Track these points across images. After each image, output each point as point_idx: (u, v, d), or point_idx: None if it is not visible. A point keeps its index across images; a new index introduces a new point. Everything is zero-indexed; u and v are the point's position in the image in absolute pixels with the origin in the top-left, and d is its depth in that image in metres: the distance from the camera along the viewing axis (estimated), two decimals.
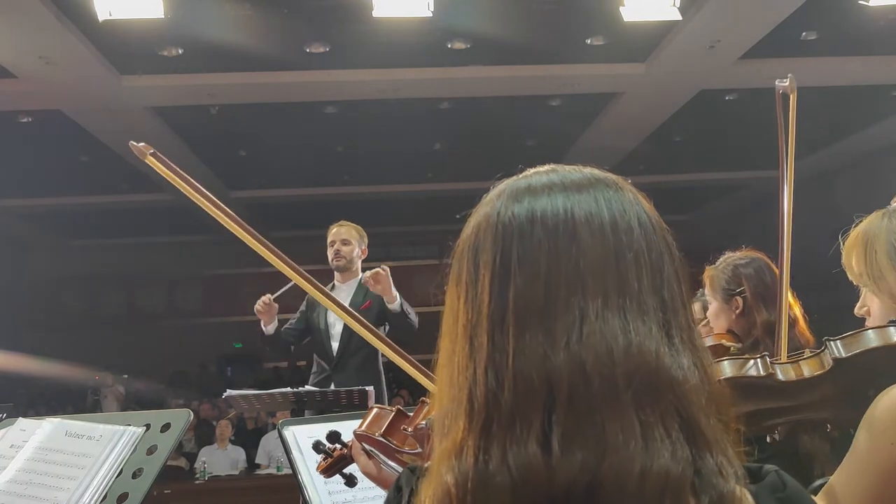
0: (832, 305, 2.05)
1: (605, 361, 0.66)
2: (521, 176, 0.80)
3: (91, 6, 5.49)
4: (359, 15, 6.11)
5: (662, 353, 0.68)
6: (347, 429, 1.45)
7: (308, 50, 7.00)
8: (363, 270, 4.18)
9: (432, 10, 5.65)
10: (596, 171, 0.78)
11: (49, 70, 6.85)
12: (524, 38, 6.90)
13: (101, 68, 6.98)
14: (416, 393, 1.38)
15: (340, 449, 1.45)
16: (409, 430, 1.25)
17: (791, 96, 1.85)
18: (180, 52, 6.88)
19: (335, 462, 1.45)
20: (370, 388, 3.57)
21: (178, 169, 1.63)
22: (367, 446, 1.33)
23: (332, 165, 10.57)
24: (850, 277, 1.45)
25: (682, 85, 8.06)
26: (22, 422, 1.57)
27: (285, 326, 4.13)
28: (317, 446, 1.48)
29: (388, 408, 1.31)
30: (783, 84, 1.88)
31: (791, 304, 2.16)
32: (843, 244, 1.46)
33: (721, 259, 2.29)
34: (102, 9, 5.48)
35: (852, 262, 1.43)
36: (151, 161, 1.61)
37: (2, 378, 9.87)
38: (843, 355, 1.35)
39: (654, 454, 0.64)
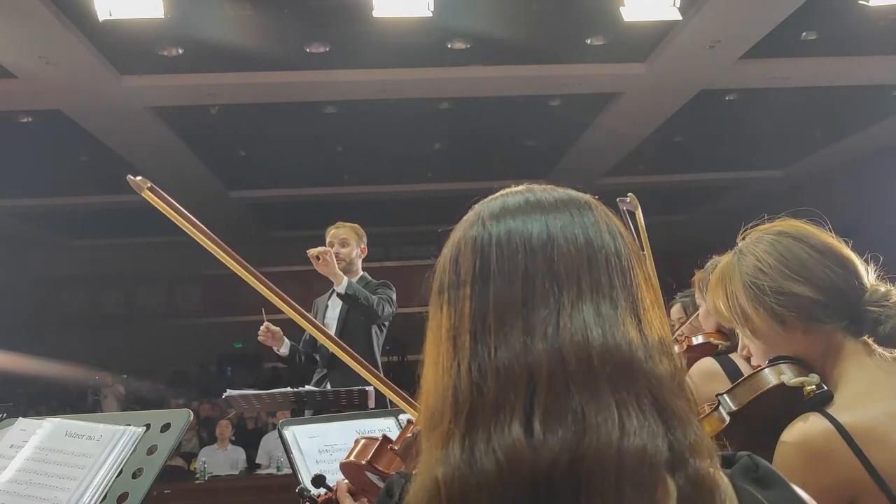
0: None
1: (581, 348, 0.70)
2: (495, 196, 0.84)
3: (91, 6, 5.50)
4: (359, 15, 6.11)
5: (635, 342, 0.72)
6: (346, 429, 1.45)
7: (308, 50, 7.00)
8: (364, 269, 4.20)
9: (432, 10, 5.65)
10: (570, 191, 0.83)
11: (49, 70, 6.85)
12: (524, 38, 6.90)
13: (101, 68, 6.98)
14: (416, 394, 1.38)
15: (325, 494, 1.46)
16: (397, 447, 1.27)
17: (636, 212, 1.86)
18: (180, 52, 6.88)
19: None
20: (370, 388, 3.56)
21: (173, 202, 1.63)
22: (353, 485, 1.33)
23: (332, 165, 10.57)
24: (721, 321, 1.45)
25: (682, 85, 8.06)
26: (22, 422, 1.57)
27: (303, 340, 4.13)
28: (301, 493, 1.49)
29: (374, 437, 1.33)
30: (625, 201, 1.90)
31: None
32: (705, 290, 1.46)
33: (709, 262, 2.37)
34: (102, 9, 5.48)
35: (720, 306, 1.43)
36: (148, 195, 1.61)
37: (2, 378, 9.87)
38: (735, 408, 1.36)
39: (631, 432, 0.67)
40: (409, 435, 1.25)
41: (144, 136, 8.66)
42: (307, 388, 3.71)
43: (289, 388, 3.64)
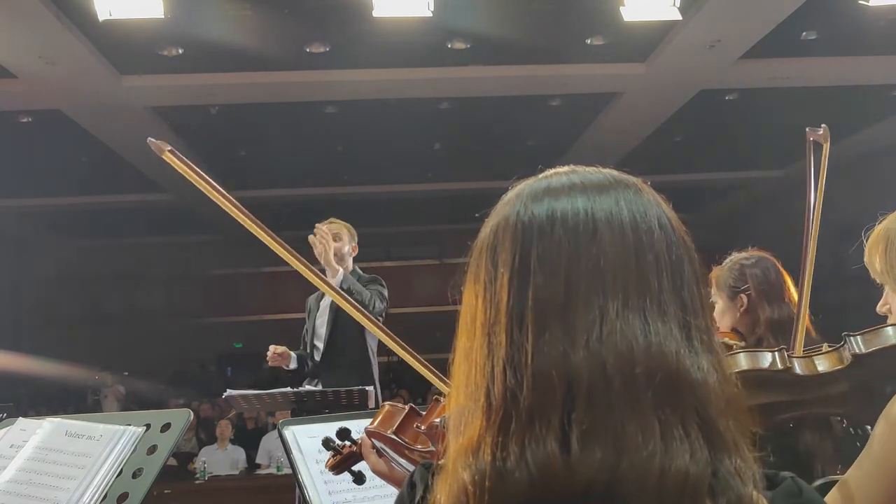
0: (833, 305, 2.05)
1: (625, 361, 0.66)
2: (539, 177, 0.79)
3: (91, 6, 5.49)
4: (359, 15, 6.11)
5: (682, 355, 0.68)
6: (352, 427, 1.45)
7: (308, 50, 6.99)
8: (364, 269, 4.20)
9: (432, 10, 5.65)
10: (615, 173, 0.78)
11: (49, 70, 6.84)
12: (524, 38, 6.90)
13: (101, 68, 6.98)
14: (416, 393, 1.38)
15: (350, 446, 1.44)
16: (423, 427, 1.25)
17: (824, 146, 1.83)
18: (180, 52, 6.88)
19: (344, 459, 1.45)
20: (370, 388, 3.57)
21: (193, 166, 1.65)
22: (377, 444, 1.32)
23: (332, 165, 10.56)
24: (873, 276, 1.42)
25: (682, 85, 8.05)
26: (22, 422, 1.57)
27: (301, 350, 4.14)
28: (326, 443, 1.47)
29: (401, 406, 1.31)
30: (817, 133, 1.86)
31: (792, 300, 2.18)
32: (866, 243, 1.43)
33: (727, 259, 2.31)
34: (102, 9, 5.47)
35: (874, 260, 1.39)
36: (169, 157, 1.63)
37: (2, 378, 9.87)
38: (863, 351, 1.32)
39: (674, 454, 0.64)
40: (437, 420, 1.22)
41: (144, 136, 8.57)
42: (307, 388, 3.71)
43: (289, 388, 3.64)
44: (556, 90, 8.16)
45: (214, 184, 1.65)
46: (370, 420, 1.34)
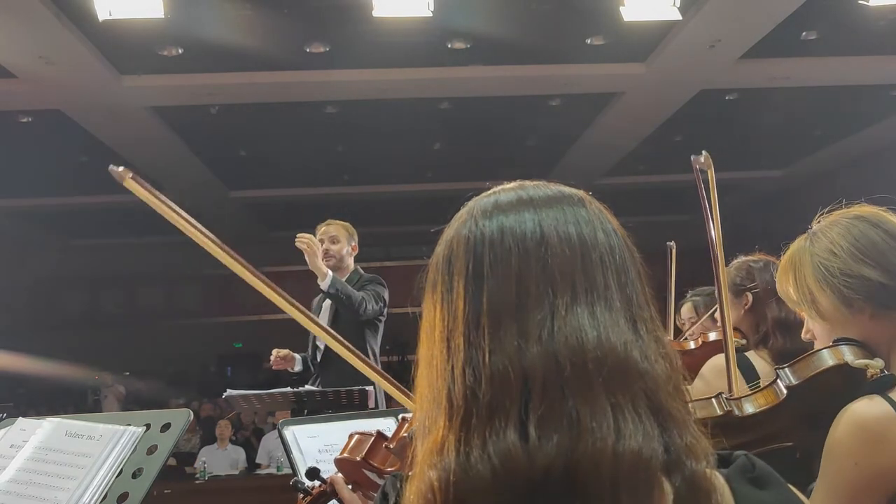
0: None
1: (576, 352, 0.70)
2: (487, 194, 0.83)
3: (91, 6, 5.50)
4: (359, 15, 6.11)
5: (630, 343, 0.72)
6: (346, 429, 1.45)
7: (308, 50, 7.00)
8: (364, 269, 4.19)
9: (432, 10, 5.66)
10: (562, 187, 0.82)
11: (49, 70, 6.85)
12: (524, 38, 6.90)
13: (101, 68, 6.98)
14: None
15: (320, 486, 1.45)
16: (392, 446, 1.26)
17: (709, 172, 1.87)
18: (180, 52, 6.88)
19: (314, 500, 1.45)
20: (370, 388, 3.56)
21: (156, 191, 1.63)
22: (347, 478, 1.33)
23: (332, 165, 10.57)
24: (791, 305, 1.44)
25: (682, 85, 8.06)
26: (22, 422, 1.57)
27: (306, 353, 4.13)
28: (295, 485, 1.48)
29: (369, 433, 1.32)
30: (699, 160, 1.90)
31: None
32: (776, 274, 1.45)
33: (734, 260, 2.34)
34: (102, 9, 5.48)
35: (788, 290, 1.41)
36: (130, 184, 1.60)
37: (2, 378, 9.87)
38: (795, 382, 1.35)
39: (627, 435, 0.67)
40: (405, 435, 1.24)
41: (144, 136, 8.66)
42: (307, 388, 3.71)
43: (289, 389, 3.64)
44: (556, 90, 8.16)
45: (182, 212, 1.64)
46: (352, 437, 1.35)
